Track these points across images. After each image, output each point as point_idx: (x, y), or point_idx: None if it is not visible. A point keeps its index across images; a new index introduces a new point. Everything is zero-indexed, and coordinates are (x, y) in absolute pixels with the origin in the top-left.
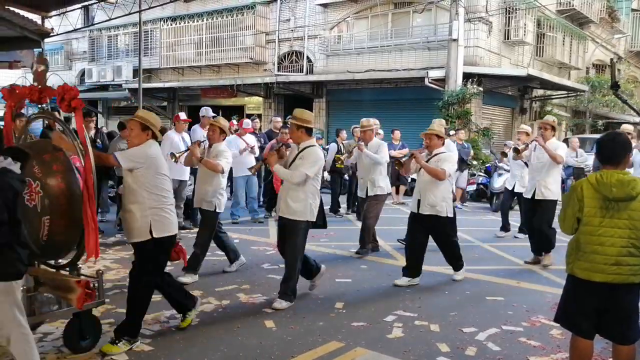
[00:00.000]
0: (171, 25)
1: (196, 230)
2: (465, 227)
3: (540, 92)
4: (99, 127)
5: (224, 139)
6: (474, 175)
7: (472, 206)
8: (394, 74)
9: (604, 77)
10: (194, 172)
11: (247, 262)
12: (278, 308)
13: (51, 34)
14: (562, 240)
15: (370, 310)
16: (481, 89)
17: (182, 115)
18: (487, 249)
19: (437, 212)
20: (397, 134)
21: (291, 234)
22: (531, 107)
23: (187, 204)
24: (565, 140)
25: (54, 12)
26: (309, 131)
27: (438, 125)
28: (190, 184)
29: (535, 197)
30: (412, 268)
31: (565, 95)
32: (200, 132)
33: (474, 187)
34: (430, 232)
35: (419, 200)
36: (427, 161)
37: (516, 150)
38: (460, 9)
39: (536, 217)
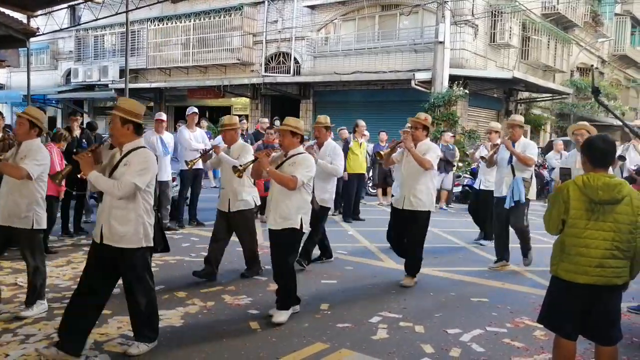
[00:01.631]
0: (158, 25)
1: (182, 231)
2: (450, 229)
3: (525, 94)
4: (84, 127)
5: (38, 136)
6: (460, 176)
7: (458, 207)
8: (380, 76)
9: (587, 81)
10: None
11: (232, 263)
12: (134, 354)
13: (37, 34)
14: (546, 241)
15: (355, 311)
16: (467, 91)
17: (159, 115)
18: (472, 250)
19: (290, 225)
20: (383, 135)
21: (127, 267)
22: (516, 109)
23: (172, 204)
24: (550, 143)
25: (39, 12)
26: (138, 129)
27: (295, 120)
28: (176, 185)
29: (404, 208)
30: None
31: (550, 97)
32: (186, 133)
33: (459, 188)
34: (275, 248)
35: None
36: (281, 164)
37: (379, 155)
38: (447, 11)
39: (409, 235)
